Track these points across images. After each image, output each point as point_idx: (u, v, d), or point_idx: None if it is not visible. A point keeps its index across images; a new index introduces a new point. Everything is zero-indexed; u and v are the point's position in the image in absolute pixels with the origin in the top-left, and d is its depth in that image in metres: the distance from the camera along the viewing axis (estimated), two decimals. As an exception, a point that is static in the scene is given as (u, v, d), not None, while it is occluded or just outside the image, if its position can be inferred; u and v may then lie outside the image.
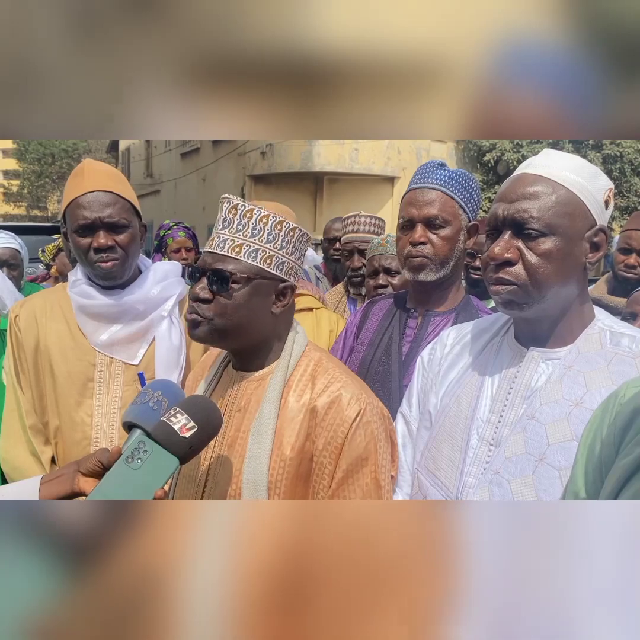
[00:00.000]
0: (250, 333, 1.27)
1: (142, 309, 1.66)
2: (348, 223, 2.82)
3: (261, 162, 15.78)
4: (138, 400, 1.19)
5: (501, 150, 15.60)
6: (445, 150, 16.59)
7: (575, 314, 1.22)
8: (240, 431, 1.25)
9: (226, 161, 17.34)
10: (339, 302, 2.75)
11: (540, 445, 1.16)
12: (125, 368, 1.66)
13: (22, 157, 37.34)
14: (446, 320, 1.73)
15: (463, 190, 1.68)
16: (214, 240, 1.24)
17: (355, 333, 1.90)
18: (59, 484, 1.08)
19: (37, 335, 1.65)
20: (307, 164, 15.09)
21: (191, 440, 1.05)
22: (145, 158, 24.89)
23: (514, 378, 1.25)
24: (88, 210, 1.57)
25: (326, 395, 1.24)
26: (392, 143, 15.03)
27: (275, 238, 1.23)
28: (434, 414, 1.39)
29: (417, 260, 1.67)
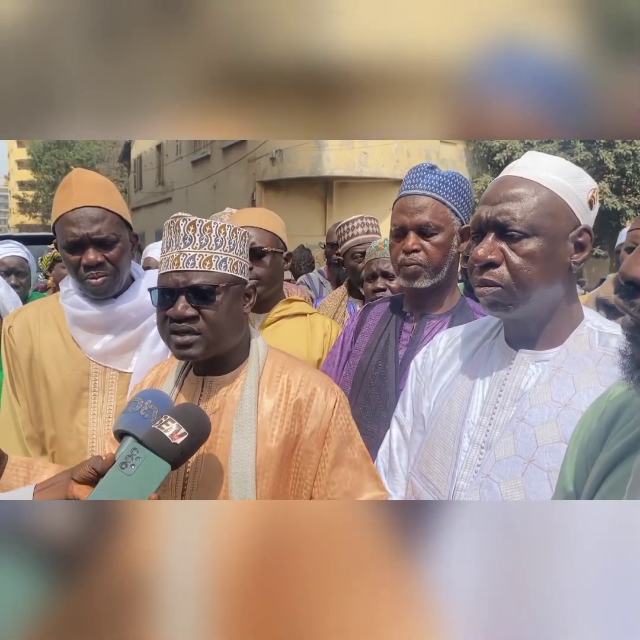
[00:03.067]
0: (233, 339, 1.34)
1: (135, 317, 1.68)
2: (355, 225, 2.84)
3: (271, 168, 15.85)
4: (129, 409, 1.22)
5: (512, 150, 15.54)
6: (455, 151, 16.55)
7: (563, 314, 1.22)
8: (220, 431, 1.30)
9: (236, 168, 17.45)
10: (339, 306, 2.75)
11: (530, 447, 1.16)
12: (119, 376, 1.67)
13: (37, 167, 37.87)
14: (442, 324, 1.73)
15: (454, 194, 1.68)
16: (180, 259, 1.27)
17: (353, 337, 1.90)
18: (53, 491, 1.10)
19: (31, 345, 1.67)
20: (317, 168, 15.13)
21: (182, 446, 1.09)
22: (156, 166, 25.11)
23: (504, 380, 1.25)
24: (76, 227, 1.57)
25: (303, 389, 1.34)
26: (401, 146, 15.01)
27: (235, 245, 1.31)
28: (427, 417, 1.39)
29: (411, 268, 1.67)
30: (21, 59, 0.89)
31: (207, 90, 0.92)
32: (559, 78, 0.89)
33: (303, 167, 15.29)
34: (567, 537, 0.70)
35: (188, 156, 21.59)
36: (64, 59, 0.89)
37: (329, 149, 14.93)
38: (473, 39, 0.89)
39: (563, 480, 0.98)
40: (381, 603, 0.68)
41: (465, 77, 0.90)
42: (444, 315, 1.74)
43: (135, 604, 0.72)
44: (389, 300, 1.89)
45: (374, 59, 0.90)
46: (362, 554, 0.71)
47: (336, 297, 2.84)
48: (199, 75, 0.91)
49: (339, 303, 2.77)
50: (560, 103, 0.90)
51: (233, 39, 0.90)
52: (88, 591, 0.72)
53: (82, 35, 0.89)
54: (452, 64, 0.90)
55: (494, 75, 0.90)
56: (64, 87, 0.90)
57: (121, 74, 0.90)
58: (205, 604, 0.72)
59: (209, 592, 0.72)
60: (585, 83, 0.89)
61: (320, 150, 14.99)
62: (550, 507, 0.86)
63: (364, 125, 0.95)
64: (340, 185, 15.58)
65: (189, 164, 21.44)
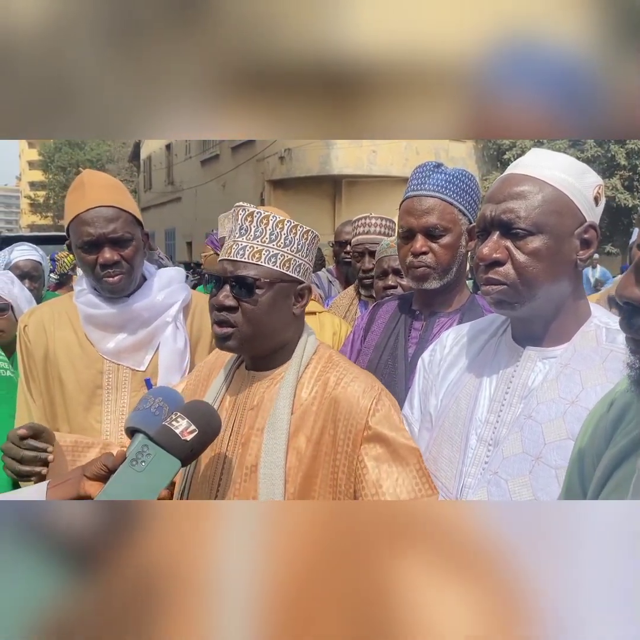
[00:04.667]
0: (275, 336, 1.31)
1: (147, 316, 1.70)
2: (358, 225, 2.82)
3: (280, 167, 15.87)
4: (140, 406, 1.23)
5: (521, 148, 15.44)
6: (465, 149, 16.47)
7: (570, 311, 1.22)
8: (254, 429, 1.28)
9: (245, 167, 17.48)
10: (350, 305, 2.75)
11: (537, 444, 1.16)
12: (132, 375, 1.69)
13: (48, 168, 38.12)
14: (451, 321, 1.73)
15: (461, 193, 1.67)
16: (232, 248, 1.27)
17: (363, 336, 1.91)
18: (66, 487, 1.12)
19: (46, 344, 1.69)
20: (325, 167, 15.12)
21: (192, 443, 1.09)
22: (166, 166, 25.21)
23: (511, 377, 1.25)
24: (92, 227, 1.60)
25: (341, 387, 1.27)
26: (410, 144, 14.96)
27: (291, 242, 1.27)
28: (434, 415, 1.39)
29: (420, 270, 1.66)
30: (39, 59, 0.90)
31: (223, 90, 0.93)
32: (572, 77, 0.88)
33: (312, 165, 15.29)
34: (578, 536, 0.70)
35: (197, 156, 21.65)
36: (81, 59, 0.90)
37: (338, 148, 14.91)
38: (486, 37, 0.89)
39: (570, 478, 0.98)
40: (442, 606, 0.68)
41: (477, 75, 0.90)
42: (453, 313, 1.74)
43: (159, 606, 0.72)
44: (398, 299, 1.89)
45: (387, 59, 0.90)
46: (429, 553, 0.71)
47: (347, 295, 2.83)
48: (214, 75, 0.92)
49: (350, 302, 2.76)
50: (574, 102, 0.89)
51: (246, 38, 0.90)
52: (112, 591, 0.72)
53: (98, 35, 0.90)
54: (465, 63, 0.89)
55: (506, 74, 0.90)
56: (81, 87, 0.91)
57: (136, 73, 0.91)
58: (246, 605, 0.71)
59: (255, 593, 0.71)
60: (599, 82, 0.88)
61: (329, 149, 14.97)
62: (562, 507, 0.86)
63: (377, 125, 0.94)
64: (349, 183, 15.56)
65: (198, 163, 21.51)
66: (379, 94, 0.93)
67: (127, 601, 0.71)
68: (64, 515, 0.76)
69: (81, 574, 0.72)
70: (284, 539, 0.74)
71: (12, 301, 2.46)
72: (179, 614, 0.70)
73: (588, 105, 0.89)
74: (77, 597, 0.72)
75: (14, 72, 0.90)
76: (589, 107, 0.89)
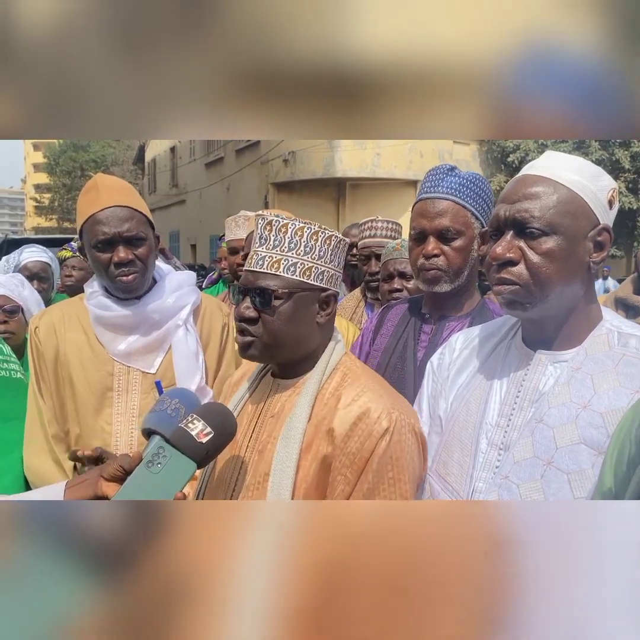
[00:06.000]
0: (299, 346, 1.29)
1: (158, 319, 1.70)
2: (365, 228, 2.83)
3: (284, 170, 15.88)
4: (156, 408, 1.24)
5: (525, 151, 15.45)
6: (469, 151, 16.46)
7: (581, 314, 1.21)
8: (272, 437, 1.27)
9: (249, 170, 17.50)
10: (357, 307, 2.76)
11: (549, 448, 1.15)
12: (142, 377, 1.70)
13: (52, 171, 38.26)
14: (461, 325, 1.72)
15: (475, 197, 1.66)
16: (253, 258, 1.26)
17: (372, 338, 1.90)
18: (83, 488, 1.13)
19: (57, 345, 1.70)
20: (329, 170, 15.12)
21: (208, 445, 1.10)
22: (170, 169, 25.25)
23: (522, 381, 1.24)
24: (107, 226, 1.61)
25: (357, 406, 1.21)
26: (414, 146, 14.95)
27: (312, 249, 1.24)
28: (444, 418, 1.39)
29: (431, 273, 1.66)
30: (48, 61, 0.91)
31: (231, 90, 0.93)
32: (592, 78, 0.89)
33: (316, 168, 15.29)
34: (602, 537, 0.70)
35: (201, 158, 21.68)
36: (90, 61, 0.92)
37: (342, 150, 14.91)
38: (503, 39, 0.89)
39: (602, 485, 0.97)
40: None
41: (494, 76, 0.90)
42: (463, 317, 1.73)
43: (185, 608, 0.72)
44: (407, 302, 1.89)
45: (404, 60, 0.91)
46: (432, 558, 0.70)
47: (354, 298, 2.84)
48: (223, 75, 0.93)
49: (357, 304, 2.77)
50: (593, 103, 0.89)
51: (254, 41, 0.91)
52: (139, 592, 0.72)
53: (107, 38, 0.91)
54: (482, 64, 0.90)
55: (524, 76, 0.90)
56: (90, 88, 0.93)
57: (145, 76, 0.92)
58: (262, 610, 0.71)
59: (268, 598, 0.72)
60: (618, 83, 0.88)
61: (333, 152, 14.97)
62: (589, 507, 0.85)
63: (392, 125, 0.95)
64: (353, 186, 15.56)
65: (202, 166, 21.53)
66: (396, 95, 0.93)
67: (150, 602, 0.71)
68: (93, 517, 0.76)
69: (106, 575, 0.72)
70: (313, 540, 0.74)
71: (22, 304, 2.48)
72: (203, 615, 0.71)
73: (608, 106, 0.89)
74: (102, 599, 0.72)
75: (23, 73, 0.91)
76: (609, 107, 0.89)
